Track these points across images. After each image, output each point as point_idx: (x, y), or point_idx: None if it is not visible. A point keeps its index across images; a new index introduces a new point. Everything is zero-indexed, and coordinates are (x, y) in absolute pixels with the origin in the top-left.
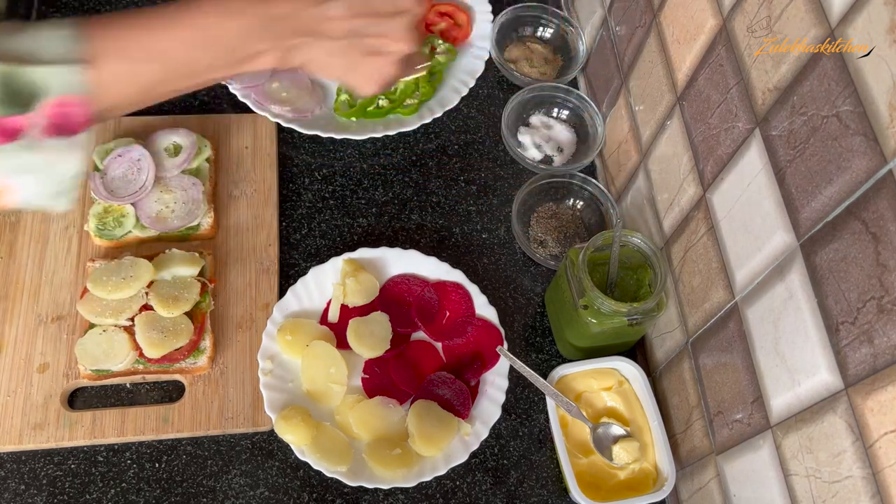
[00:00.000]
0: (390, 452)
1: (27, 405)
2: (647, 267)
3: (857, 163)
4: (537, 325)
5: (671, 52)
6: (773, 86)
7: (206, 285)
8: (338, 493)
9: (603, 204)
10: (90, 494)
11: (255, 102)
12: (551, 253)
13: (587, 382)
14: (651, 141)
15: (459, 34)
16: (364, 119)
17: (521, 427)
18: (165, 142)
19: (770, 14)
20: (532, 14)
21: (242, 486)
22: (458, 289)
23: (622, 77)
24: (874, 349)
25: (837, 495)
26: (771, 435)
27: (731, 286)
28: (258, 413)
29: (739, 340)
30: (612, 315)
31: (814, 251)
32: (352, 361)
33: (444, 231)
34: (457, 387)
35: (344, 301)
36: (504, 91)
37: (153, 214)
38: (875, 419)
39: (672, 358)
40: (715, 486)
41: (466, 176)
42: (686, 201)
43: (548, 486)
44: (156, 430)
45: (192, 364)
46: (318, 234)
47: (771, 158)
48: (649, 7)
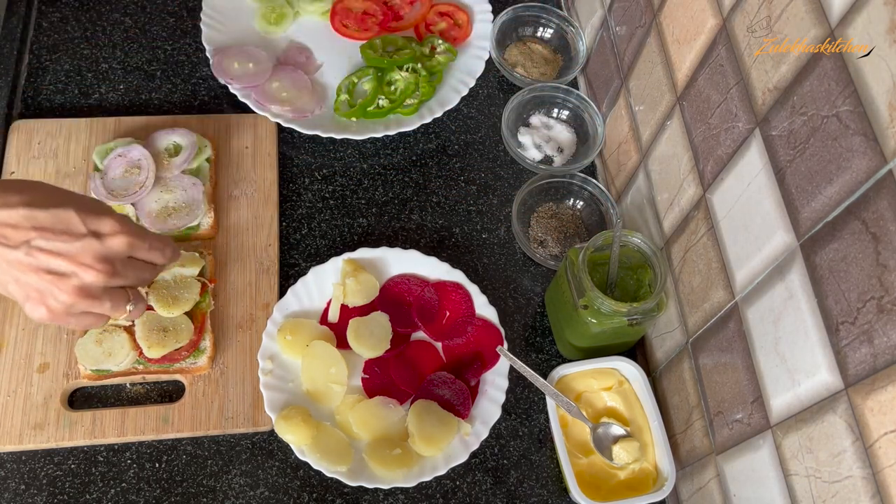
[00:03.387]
0: (390, 452)
1: (27, 405)
2: (647, 267)
3: (857, 163)
4: (537, 325)
5: (671, 52)
6: (773, 86)
7: (206, 285)
8: (338, 493)
9: (603, 204)
10: (90, 494)
11: (255, 102)
12: (551, 253)
13: (587, 382)
14: (651, 141)
15: (459, 34)
16: (364, 119)
17: (521, 427)
18: (165, 142)
19: (770, 14)
20: (532, 14)
21: (242, 486)
22: (458, 289)
23: (622, 77)
24: (874, 349)
25: (837, 495)
26: (771, 435)
27: (731, 286)
28: (258, 413)
29: (739, 340)
30: (612, 315)
31: (814, 251)
32: (352, 361)
33: (444, 231)
34: (457, 387)
35: (344, 301)
36: (504, 91)
37: (153, 214)
38: (875, 419)
39: (672, 358)
40: (715, 486)
41: (466, 176)
42: (686, 201)
43: (548, 486)
44: (156, 430)
45: (192, 364)
46: (318, 234)
47: (771, 158)
48: (649, 7)
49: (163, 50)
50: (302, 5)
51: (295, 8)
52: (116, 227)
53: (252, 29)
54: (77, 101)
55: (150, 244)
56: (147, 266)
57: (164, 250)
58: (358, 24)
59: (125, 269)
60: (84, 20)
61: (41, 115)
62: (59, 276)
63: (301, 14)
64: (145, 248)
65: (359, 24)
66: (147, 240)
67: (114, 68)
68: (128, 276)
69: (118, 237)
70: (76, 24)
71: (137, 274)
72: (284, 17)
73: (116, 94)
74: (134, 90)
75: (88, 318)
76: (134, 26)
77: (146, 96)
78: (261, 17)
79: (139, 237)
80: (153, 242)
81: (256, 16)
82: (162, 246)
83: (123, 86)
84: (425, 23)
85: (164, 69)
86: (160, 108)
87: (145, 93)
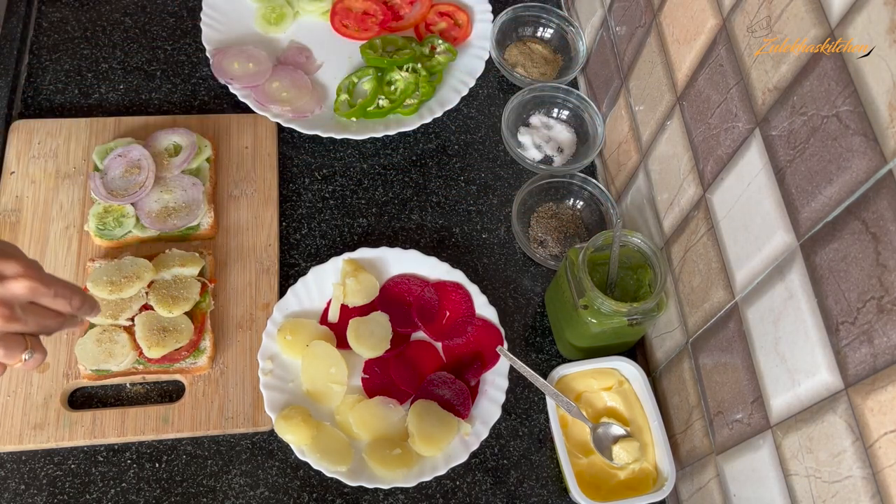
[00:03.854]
0: (390, 452)
1: (27, 405)
2: (647, 267)
3: (857, 163)
4: (537, 325)
5: (671, 52)
6: (773, 86)
7: (206, 285)
8: (338, 493)
9: (603, 204)
10: (90, 494)
11: (255, 102)
12: (551, 253)
13: (587, 382)
14: (651, 141)
15: (459, 34)
16: (364, 119)
17: (521, 427)
18: (165, 142)
19: (770, 14)
20: (532, 14)
21: (242, 486)
22: (458, 289)
23: (622, 77)
24: (874, 349)
25: (837, 495)
26: (771, 435)
27: (731, 286)
28: (258, 413)
29: (739, 340)
30: (612, 315)
31: (814, 251)
32: (352, 361)
33: (444, 231)
34: (457, 387)
35: (344, 301)
36: (504, 91)
37: (153, 214)
38: (875, 419)
39: (672, 358)
40: (715, 486)
41: (466, 176)
42: (686, 201)
43: (548, 486)
44: (156, 430)
45: (192, 364)
46: (318, 234)
47: (771, 158)
48: (649, 7)
49: (163, 50)
50: (302, 5)
51: (295, 8)
52: (19, 269)
53: (252, 29)
54: (77, 101)
55: (56, 291)
56: (51, 313)
57: (71, 299)
58: (358, 24)
59: (25, 315)
60: (84, 20)
61: (41, 115)
62: None
63: (301, 14)
64: (50, 294)
65: (359, 24)
66: (52, 287)
67: (114, 68)
68: (27, 323)
69: (20, 281)
70: (76, 24)
71: (39, 321)
72: (284, 17)
73: (116, 94)
74: (134, 90)
75: None
76: (134, 26)
77: (146, 96)
78: (261, 17)
79: (44, 283)
80: (59, 290)
81: (256, 16)
82: (69, 294)
83: (123, 86)
84: (425, 23)
85: (164, 69)
86: (160, 108)
87: (145, 93)
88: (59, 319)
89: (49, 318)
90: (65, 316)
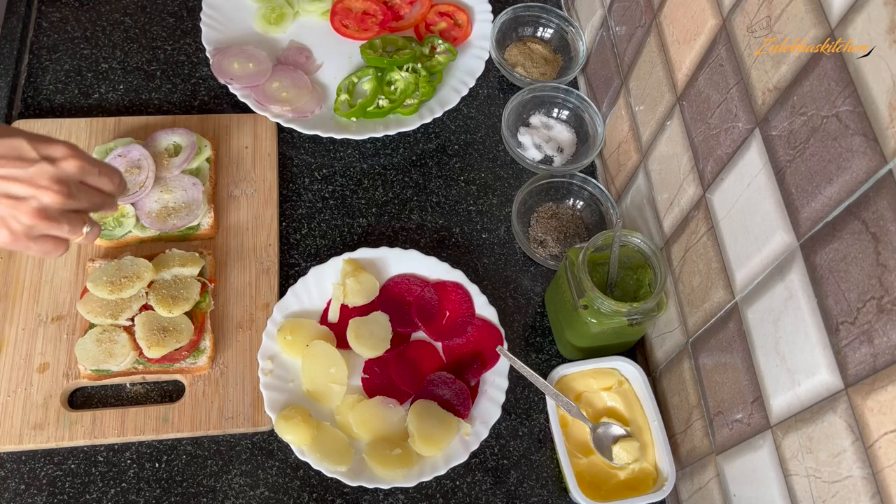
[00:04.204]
0: (390, 452)
1: (27, 405)
2: (647, 267)
3: (857, 163)
4: (537, 325)
5: (671, 52)
6: (773, 86)
7: (206, 285)
8: (338, 493)
9: (603, 204)
10: (90, 494)
11: (255, 102)
12: (551, 253)
13: (587, 382)
14: (651, 141)
15: (459, 34)
16: (364, 119)
17: (521, 427)
18: (165, 142)
19: (770, 14)
20: (532, 14)
21: (242, 486)
22: (458, 289)
23: (622, 77)
24: (874, 349)
25: (837, 495)
26: (771, 435)
27: (731, 286)
28: (258, 413)
29: (739, 340)
30: (612, 315)
31: (814, 251)
32: (352, 361)
33: (444, 231)
34: (457, 387)
35: (344, 301)
36: (504, 91)
37: (153, 214)
38: (875, 419)
39: (672, 358)
40: (715, 485)
41: (466, 176)
42: (686, 201)
43: (548, 486)
44: (156, 430)
45: (192, 364)
46: (318, 234)
47: (771, 158)
48: (649, 7)
49: (163, 50)
50: (302, 5)
51: (295, 8)
52: (67, 151)
53: (252, 29)
54: (77, 101)
55: (101, 170)
56: (98, 192)
57: (112, 177)
58: (358, 24)
59: (79, 193)
60: (84, 20)
61: (41, 115)
62: (18, 200)
63: (301, 14)
64: (95, 173)
65: (359, 24)
66: (97, 166)
67: (114, 68)
68: (82, 200)
69: (70, 160)
70: (76, 24)
71: (90, 198)
72: (284, 17)
73: (116, 94)
74: (134, 90)
75: (48, 242)
76: (134, 26)
77: (146, 96)
78: (261, 17)
79: (90, 162)
80: (103, 169)
81: (256, 16)
82: (111, 173)
83: (123, 86)
84: (425, 23)
85: (164, 69)
86: (160, 108)
87: (145, 93)
88: (103, 196)
89: (97, 196)
90: (107, 194)
